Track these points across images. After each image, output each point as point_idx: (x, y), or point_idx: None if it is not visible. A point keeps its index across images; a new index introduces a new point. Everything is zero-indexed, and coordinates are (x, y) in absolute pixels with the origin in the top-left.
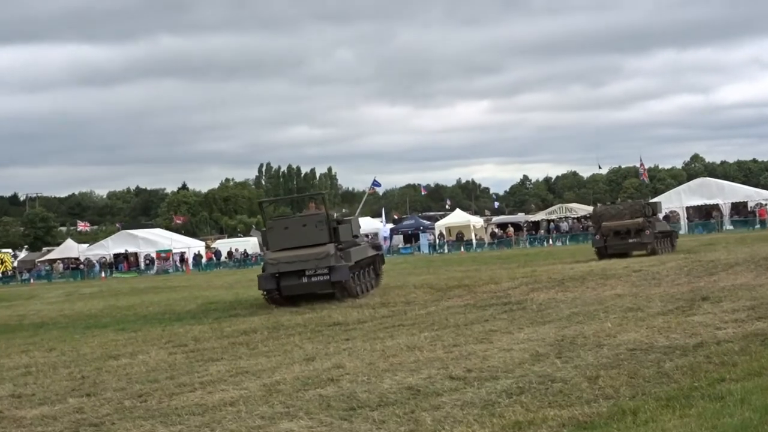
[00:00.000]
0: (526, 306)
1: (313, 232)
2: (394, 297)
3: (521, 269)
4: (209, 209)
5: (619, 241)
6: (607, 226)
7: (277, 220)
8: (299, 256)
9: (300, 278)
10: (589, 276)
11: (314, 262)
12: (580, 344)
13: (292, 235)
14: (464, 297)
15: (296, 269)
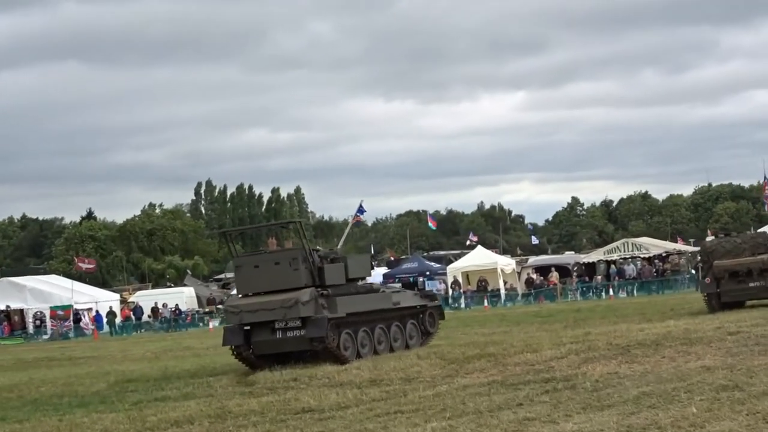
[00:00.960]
0: (577, 384)
1: (288, 273)
2: (388, 371)
3: (569, 332)
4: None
5: (736, 285)
6: (721, 266)
7: (246, 257)
8: (265, 304)
9: (273, 332)
10: (666, 341)
11: (282, 311)
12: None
13: (264, 275)
14: (488, 371)
15: (263, 320)
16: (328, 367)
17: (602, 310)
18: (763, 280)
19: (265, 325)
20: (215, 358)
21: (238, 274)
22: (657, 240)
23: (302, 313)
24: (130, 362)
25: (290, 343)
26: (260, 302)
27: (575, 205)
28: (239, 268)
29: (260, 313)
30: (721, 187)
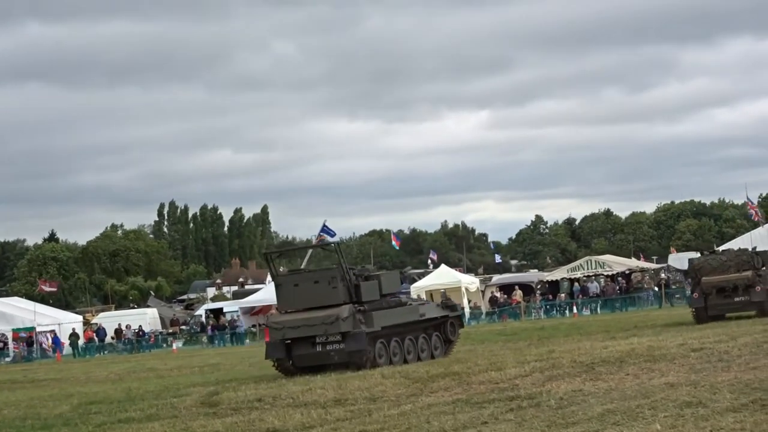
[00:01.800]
0: (541, 402)
1: (327, 291)
2: (353, 390)
3: (533, 350)
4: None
5: (723, 300)
6: (709, 282)
7: (286, 276)
8: (307, 320)
9: (313, 346)
10: (630, 358)
11: (323, 327)
12: None
13: (304, 293)
14: (453, 390)
15: (305, 335)
16: (292, 387)
17: (566, 327)
18: (747, 295)
19: (306, 340)
20: (179, 379)
21: (279, 292)
22: (620, 257)
23: (342, 328)
24: (94, 384)
25: (330, 356)
26: (302, 318)
27: (538, 223)
28: (280, 287)
29: (302, 328)
30: (683, 205)
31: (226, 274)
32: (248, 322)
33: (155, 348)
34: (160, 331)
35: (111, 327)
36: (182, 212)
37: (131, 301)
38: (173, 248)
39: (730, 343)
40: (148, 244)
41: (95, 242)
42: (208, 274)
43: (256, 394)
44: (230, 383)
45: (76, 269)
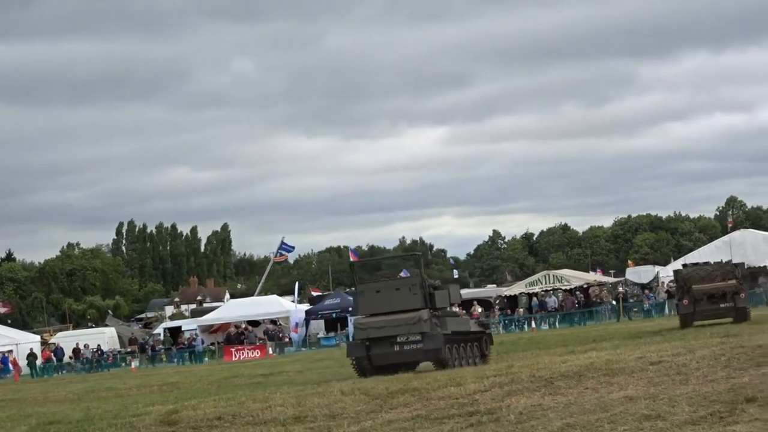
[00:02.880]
0: (501, 417)
1: (407, 297)
2: (312, 408)
3: (493, 365)
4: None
5: (710, 306)
6: (700, 289)
7: (369, 284)
8: (391, 321)
9: (391, 346)
10: (589, 372)
11: (406, 328)
12: None
13: (385, 299)
14: (412, 406)
15: (387, 335)
16: (252, 405)
17: (525, 342)
18: (732, 302)
19: (386, 340)
20: (137, 398)
21: (361, 297)
22: (577, 272)
23: (423, 329)
24: (52, 404)
25: (408, 354)
26: (386, 320)
27: (496, 238)
28: (362, 293)
29: (386, 329)
30: (639, 219)
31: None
32: (207, 340)
33: (114, 367)
34: (118, 350)
35: (69, 346)
36: (140, 231)
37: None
38: (131, 267)
39: (687, 356)
40: (106, 262)
41: (52, 261)
42: (166, 293)
43: (216, 412)
44: (189, 402)
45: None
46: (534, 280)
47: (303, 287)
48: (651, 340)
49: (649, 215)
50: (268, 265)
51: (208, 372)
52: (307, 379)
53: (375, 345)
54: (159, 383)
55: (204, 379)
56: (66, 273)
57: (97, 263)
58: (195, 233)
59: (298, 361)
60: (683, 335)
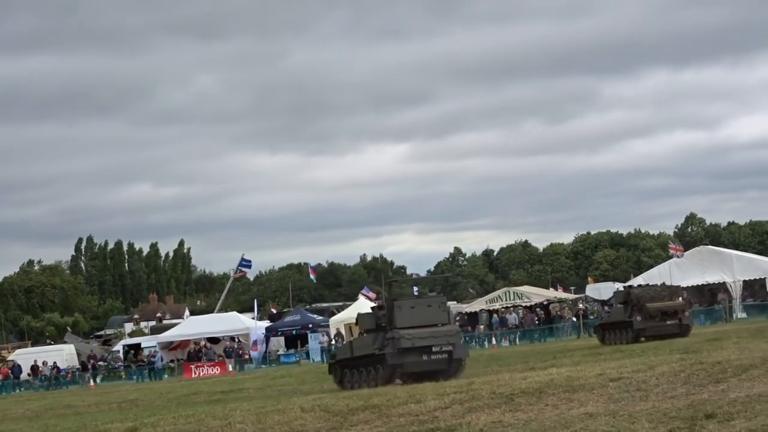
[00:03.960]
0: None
1: (438, 313)
2: (273, 425)
3: (453, 381)
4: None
5: (660, 323)
6: (654, 307)
7: (403, 300)
8: (433, 332)
9: (422, 355)
10: (549, 388)
11: (445, 338)
12: None
13: (419, 314)
14: (373, 423)
15: (430, 344)
16: (212, 422)
17: (485, 359)
18: (677, 319)
19: (421, 349)
20: (97, 416)
21: (398, 311)
22: (538, 288)
23: (455, 340)
24: (10, 422)
25: (436, 363)
26: (428, 332)
27: (457, 255)
28: (399, 308)
29: (428, 339)
30: (599, 235)
31: (143, 310)
32: (166, 357)
33: (73, 384)
34: (77, 367)
35: (27, 364)
36: (100, 248)
37: (48, 337)
38: (90, 284)
39: (647, 373)
40: (65, 279)
41: (11, 278)
42: (125, 310)
43: (176, 429)
44: (149, 419)
45: None
46: (494, 297)
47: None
48: (611, 356)
49: (609, 232)
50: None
51: (167, 389)
52: (267, 395)
53: (409, 354)
54: (118, 400)
55: (164, 396)
56: (24, 290)
57: (56, 280)
58: (156, 249)
59: (258, 378)
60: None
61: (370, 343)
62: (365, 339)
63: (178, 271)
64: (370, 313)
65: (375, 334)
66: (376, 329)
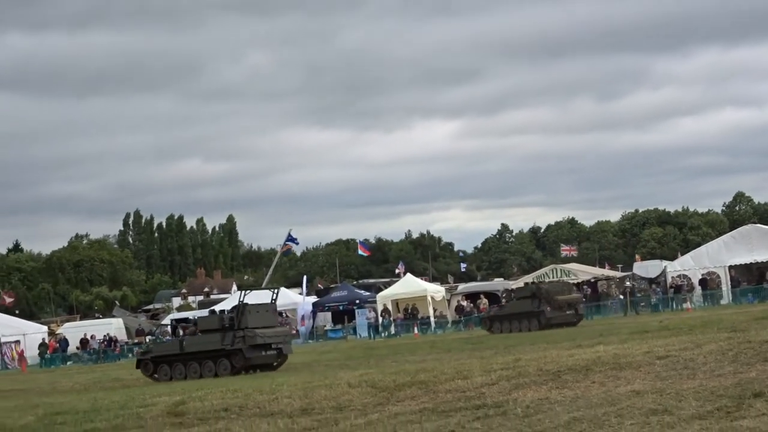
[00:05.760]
0: (507, 410)
1: (273, 317)
2: (319, 400)
3: (500, 358)
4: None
5: (562, 312)
6: (563, 300)
7: (252, 305)
8: (273, 332)
9: (265, 350)
10: (596, 366)
11: (281, 337)
12: None
13: (263, 317)
14: (420, 399)
15: (269, 342)
16: (259, 397)
17: (532, 336)
18: (574, 310)
19: (265, 346)
20: (144, 389)
21: (249, 314)
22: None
23: (287, 339)
24: (59, 394)
25: (272, 357)
26: (271, 332)
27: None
28: (249, 312)
29: (272, 338)
30: (647, 213)
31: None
32: None
33: (121, 358)
34: (125, 341)
35: (76, 337)
36: (147, 222)
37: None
38: (138, 258)
39: (695, 351)
40: (113, 253)
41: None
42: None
43: (223, 403)
44: (196, 393)
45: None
46: (541, 274)
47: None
48: (658, 334)
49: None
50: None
51: None
52: (314, 370)
53: (258, 349)
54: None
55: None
56: (73, 264)
57: (104, 254)
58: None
59: (305, 353)
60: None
61: (218, 341)
62: (204, 338)
63: (226, 246)
64: (212, 316)
65: (221, 333)
66: (221, 329)
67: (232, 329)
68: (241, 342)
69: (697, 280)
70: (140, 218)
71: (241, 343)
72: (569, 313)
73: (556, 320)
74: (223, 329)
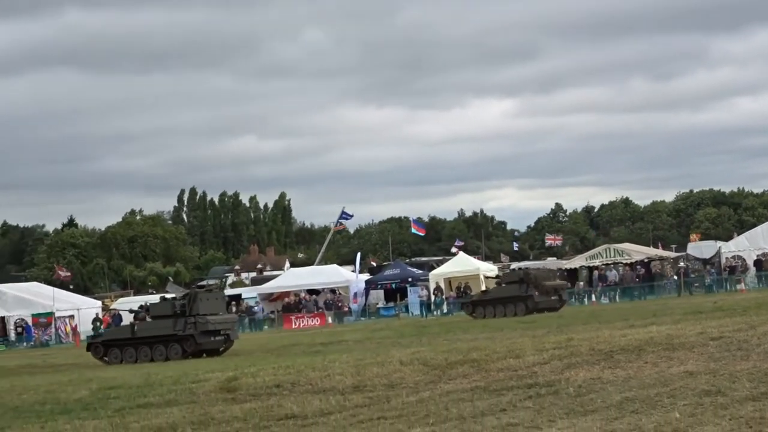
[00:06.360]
0: (560, 389)
1: (221, 304)
2: (371, 378)
3: (552, 337)
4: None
5: (549, 297)
6: (550, 285)
7: (203, 293)
8: (222, 319)
9: (215, 336)
10: (649, 346)
11: (229, 324)
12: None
13: (212, 304)
14: (472, 377)
15: (218, 328)
16: (311, 373)
17: (584, 315)
18: (559, 295)
19: (215, 332)
20: (197, 365)
21: (200, 302)
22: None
23: (234, 326)
24: (112, 369)
25: (220, 342)
26: (220, 318)
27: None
28: (201, 299)
29: (222, 324)
30: (702, 193)
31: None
32: (267, 308)
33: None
34: None
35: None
36: (201, 198)
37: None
38: (192, 234)
39: (749, 332)
40: (167, 229)
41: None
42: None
43: (275, 380)
44: (249, 369)
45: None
46: (595, 254)
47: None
48: (712, 315)
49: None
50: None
51: (267, 339)
52: (366, 348)
53: (209, 335)
54: None
55: (264, 346)
56: (127, 239)
57: (158, 230)
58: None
59: (357, 330)
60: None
61: (170, 326)
62: (156, 323)
63: (279, 223)
64: (164, 303)
65: (173, 319)
66: (173, 316)
67: (184, 315)
68: (193, 328)
69: (751, 261)
70: (195, 195)
71: (192, 329)
72: (554, 298)
73: (543, 305)
74: (175, 315)
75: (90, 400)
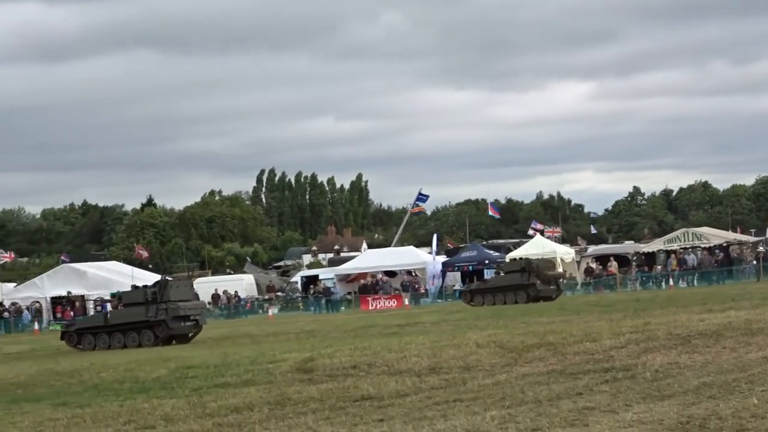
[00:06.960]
0: (636, 374)
1: (190, 291)
2: (447, 360)
3: (629, 321)
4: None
5: (551, 286)
6: (551, 275)
7: (174, 281)
8: (192, 305)
9: (185, 321)
10: (727, 331)
11: (199, 310)
12: (714, 429)
13: (182, 291)
14: (548, 360)
15: (188, 314)
16: (387, 355)
17: (662, 300)
18: (556, 285)
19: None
20: (275, 345)
21: (171, 289)
22: (717, 230)
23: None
24: (190, 348)
25: (190, 328)
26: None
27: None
28: (171, 287)
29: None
30: None
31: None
32: (343, 290)
33: (251, 314)
34: (256, 297)
35: (208, 292)
36: (280, 179)
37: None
38: (270, 215)
39: None
40: (245, 210)
41: (192, 208)
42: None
43: (351, 361)
44: (325, 350)
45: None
46: (673, 237)
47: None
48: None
49: None
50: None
51: (344, 321)
52: (443, 330)
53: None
54: (296, 331)
55: (340, 327)
56: (206, 220)
57: (236, 211)
58: (333, 183)
59: (433, 312)
60: None
61: (142, 313)
62: (129, 311)
63: (356, 204)
64: (136, 291)
65: (145, 306)
66: (144, 303)
67: (155, 302)
68: (164, 314)
69: None
70: (273, 175)
71: (164, 315)
72: (552, 287)
73: (543, 293)
74: (147, 302)
75: (168, 379)
